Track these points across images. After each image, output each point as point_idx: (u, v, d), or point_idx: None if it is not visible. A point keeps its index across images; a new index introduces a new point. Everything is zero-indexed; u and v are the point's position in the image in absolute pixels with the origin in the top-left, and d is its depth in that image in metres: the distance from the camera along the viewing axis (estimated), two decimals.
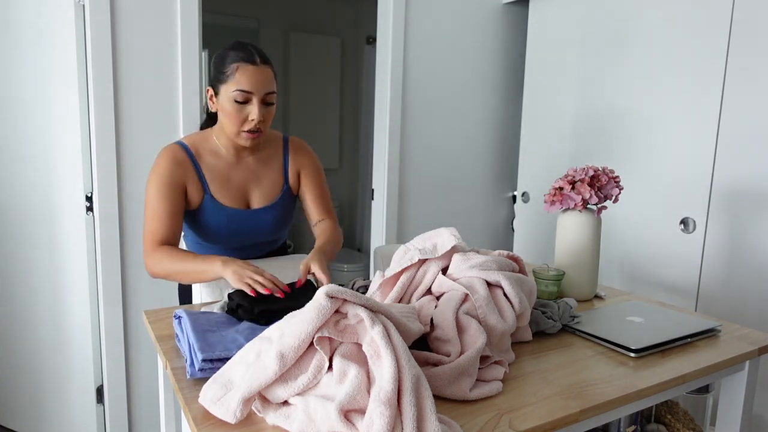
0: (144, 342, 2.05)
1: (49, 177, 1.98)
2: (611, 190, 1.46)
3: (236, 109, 1.30)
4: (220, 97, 1.32)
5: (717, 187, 1.91)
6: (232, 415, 0.77)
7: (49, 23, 1.88)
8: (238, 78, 1.28)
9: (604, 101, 2.29)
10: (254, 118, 1.30)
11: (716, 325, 1.23)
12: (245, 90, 1.28)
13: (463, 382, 0.89)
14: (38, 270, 2.06)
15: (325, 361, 0.78)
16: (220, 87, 1.31)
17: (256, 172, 1.45)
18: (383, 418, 0.68)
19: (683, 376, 1.02)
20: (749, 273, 1.84)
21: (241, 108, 1.30)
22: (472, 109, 2.73)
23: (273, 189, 1.46)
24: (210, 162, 1.39)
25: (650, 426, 1.42)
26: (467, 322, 0.98)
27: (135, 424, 2.08)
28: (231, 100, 1.29)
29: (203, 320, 1.03)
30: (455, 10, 2.58)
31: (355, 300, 0.81)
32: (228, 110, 1.30)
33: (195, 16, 1.97)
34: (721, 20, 1.86)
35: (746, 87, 1.81)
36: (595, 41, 2.31)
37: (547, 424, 0.83)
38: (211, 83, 1.35)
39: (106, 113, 1.87)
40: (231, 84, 1.28)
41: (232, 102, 1.29)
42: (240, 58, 1.29)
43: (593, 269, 1.47)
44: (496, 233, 2.93)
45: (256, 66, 1.29)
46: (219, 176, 1.39)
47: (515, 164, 2.92)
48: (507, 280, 1.08)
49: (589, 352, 1.10)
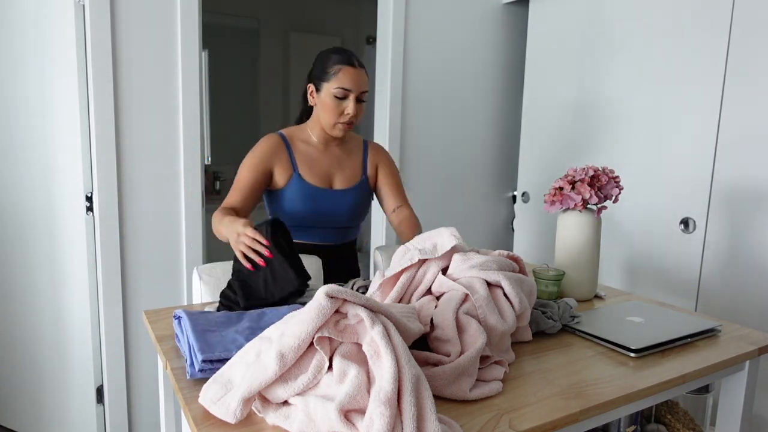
0: (144, 342, 2.05)
1: (49, 177, 1.98)
2: (611, 190, 1.46)
3: (336, 104, 1.51)
4: (322, 93, 1.52)
5: (717, 187, 1.91)
6: (232, 415, 0.77)
7: (49, 23, 1.88)
8: (341, 77, 1.49)
9: (604, 101, 2.29)
10: (350, 112, 1.51)
11: (716, 325, 1.23)
12: (345, 88, 1.49)
13: (463, 382, 0.89)
14: (38, 270, 2.06)
15: (325, 361, 0.78)
16: (323, 84, 1.51)
17: (340, 159, 1.64)
18: (383, 418, 0.68)
19: (683, 376, 1.02)
20: (749, 273, 1.84)
21: (340, 103, 1.51)
22: (472, 109, 2.73)
23: (353, 176, 1.65)
24: (301, 148, 1.60)
25: (650, 426, 1.42)
26: (467, 322, 0.98)
27: (135, 424, 2.08)
28: (332, 96, 1.50)
29: (203, 320, 1.03)
30: (455, 10, 2.58)
31: (355, 300, 0.81)
32: (328, 104, 1.51)
33: (195, 16, 1.97)
34: (721, 20, 1.86)
35: (746, 87, 1.81)
36: (595, 41, 2.31)
37: (547, 424, 0.83)
38: (312, 81, 1.56)
39: (106, 113, 1.87)
40: (333, 82, 1.49)
41: (333, 97, 1.50)
42: (342, 61, 1.50)
43: (593, 269, 1.47)
44: (496, 233, 2.93)
45: (356, 68, 1.51)
46: (308, 159, 1.59)
47: (515, 164, 2.92)
48: (507, 280, 1.08)
49: (589, 352, 1.10)
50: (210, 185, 3.92)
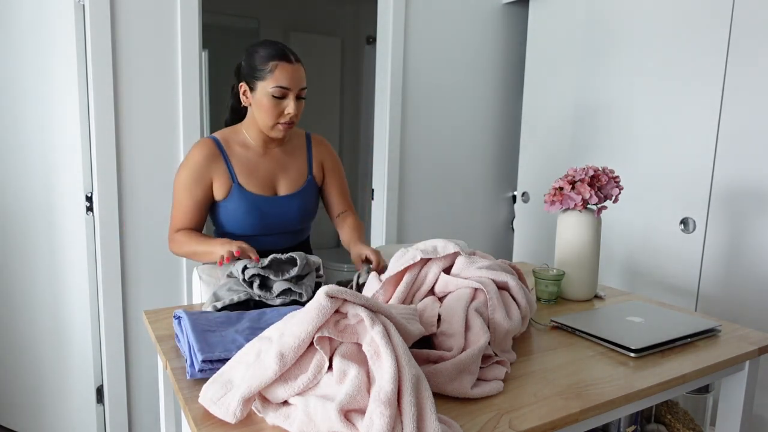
0: (144, 342, 2.05)
1: (49, 177, 1.98)
2: (611, 190, 1.46)
3: (274, 104, 1.39)
4: (257, 92, 1.40)
5: (717, 187, 1.91)
6: (232, 415, 0.77)
7: (49, 23, 1.88)
8: (277, 75, 1.37)
9: (604, 101, 2.29)
10: (290, 112, 1.41)
11: (716, 325, 1.23)
12: (283, 86, 1.38)
13: (465, 379, 0.89)
14: (38, 270, 2.06)
15: (325, 361, 0.78)
16: (257, 83, 1.40)
17: (283, 162, 1.53)
18: (383, 418, 0.68)
19: (683, 376, 1.02)
20: (749, 273, 1.84)
21: (278, 102, 1.40)
22: (472, 109, 2.73)
23: (298, 178, 1.54)
24: (239, 153, 1.48)
25: (650, 426, 1.42)
26: (473, 320, 1.00)
27: (135, 424, 2.08)
28: (269, 96, 1.39)
29: (203, 320, 1.03)
30: (455, 10, 2.58)
31: (355, 300, 0.81)
32: (265, 105, 1.40)
33: (195, 16, 1.97)
34: (721, 20, 1.86)
35: (746, 86, 1.81)
36: (595, 41, 2.31)
37: (547, 424, 0.83)
38: (244, 79, 1.43)
39: (106, 113, 1.87)
40: (269, 81, 1.38)
41: (270, 97, 1.39)
42: (277, 56, 1.38)
43: (593, 269, 1.47)
44: (496, 233, 2.93)
45: (292, 64, 1.39)
46: (247, 166, 1.47)
47: (515, 164, 2.92)
48: (514, 280, 1.11)
49: (589, 352, 1.10)
50: None
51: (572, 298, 1.48)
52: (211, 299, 1.20)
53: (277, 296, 1.21)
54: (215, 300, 1.19)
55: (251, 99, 1.43)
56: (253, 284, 1.21)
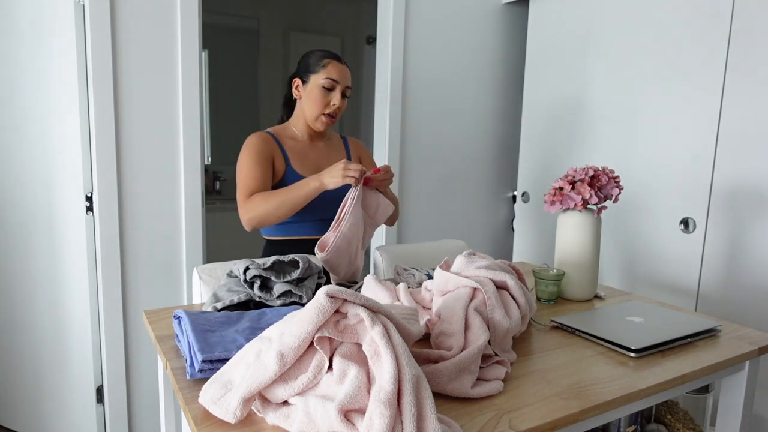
0: (144, 342, 2.05)
1: (49, 177, 1.98)
2: (611, 190, 1.46)
3: (323, 95, 1.58)
4: (309, 84, 1.59)
5: (717, 187, 1.91)
6: (232, 415, 0.77)
7: (49, 23, 1.88)
8: (329, 69, 1.57)
9: (604, 101, 2.29)
10: (335, 104, 1.59)
11: (716, 325, 1.23)
12: (333, 78, 1.57)
13: (465, 378, 0.89)
14: (38, 270, 2.06)
15: (325, 361, 0.78)
16: (310, 76, 1.59)
17: (326, 153, 1.70)
18: (383, 418, 0.68)
19: (683, 376, 1.02)
20: (749, 273, 1.84)
21: (326, 94, 1.58)
22: (472, 109, 2.73)
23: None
24: (289, 143, 1.65)
25: (650, 426, 1.42)
26: (473, 320, 1.00)
27: (135, 424, 2.08)
28: (319, 87, 1.57)
29: (203, 320, 1.03)
30: (455, 10, 2.58)
31: (355, 300, 0.81)
32: (315, 95, 1.58)
33: (195, 16, 1.97)
34: (721, 19, 1.86)
35: (746, 86, 1.81)
36: (595, 41, 2.31)
37: (547, 424, 0.83)
38: (298, 75, 1.63)
39: (106, 113, 1.87)
40: (322, 74, 1.57)
41: (320, 88, 1.57)
42: (330, 56, 1.59)
43: (593, 269, 1.47)
44: (496, 233, 2.93)
45: (343, 64, 1.61)
46: (298, 153, 1.64)
47: (515, 164, 2.92)
48: (513, 280, 1.12)
49: (589, 352, 1.10)
50: (210, 185, 3.92)
51: (572, 298, 1.48)
52: (211, 299, 1.20)
53: (278, 298, 1.21)
54: (215, 300, 1.19)
55: (302, 92, 1.61)
56: (254, 285, 1.21)
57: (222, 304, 1.17)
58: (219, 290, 1.22)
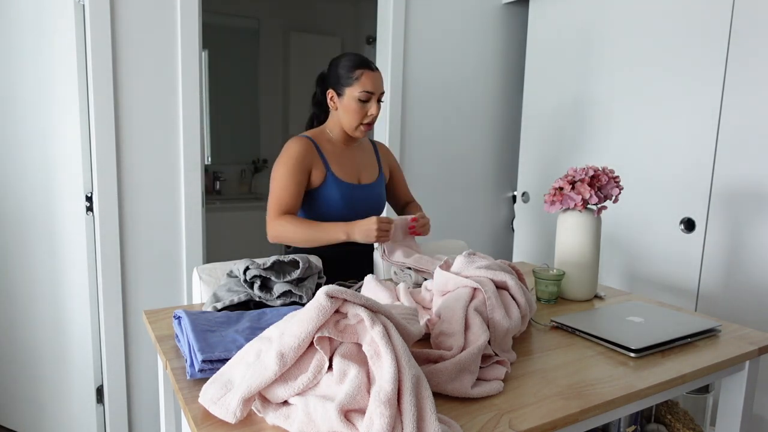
0: (144, 342, 2.05)
1: (49, 177, 1.98)
2: (611, 190, 1.46)
3: (359, 107, 1.58)
4: (345, 97, 1.59)
5: (717, 187, 1.91)
6: (232, 415, 0.77)
7: (49, 23, 1.88)
8: (363, 81, 1.56)
9: (604, 101, 2.29)
10: (373, 113, 1.60)
11: (716, 325, 1.23)
12: (369, 91, 1.57)
13: (465, 378, 0.89)
14: (38, 270, 2.06)
15: (325, 361, 0.78)
16: (345, 89, 1.58)
17: (360, 157, 1.73)
18: (383, 418, 0.68)
19: (683, 376, 1.02)
20: (749, 273, 1.84)
21: (363, 105, 1.59)
22: (472, 109, 2.73)
23: (373, 171, 1.75)
24: (328, 148, 1.66)
25: (650, 426, 1.42)
26: (472, 319, 1.00)
27: (135, 424, 2.08)
28: (356, 100, 1.57)
29: (203, 320, 1.03)
30: (455, 10, 2.58)
31: (355, 300, 0.81)
32: (352, 108, 1.58)
33: (195, 16, 1.97)
34: (721, 20, 1.86)
35: (746, 86, 1.81)
36: (595, 41, 2.31)
37: (547, 424, 0.83)
38: (332, 87, 1.62)
39: (106, 113, 1.87)
40: (357, 86, 1.56)
41: (357, 101, 1.57)
42: (363, 65, 1.58)
43: (593, 269, 1.47)
44: (496, 233, 2.93)
45: (375, 72, 1.59)
46: (337, 158, 1.66)
47: (515, 164, 2.92)
48: (513, 280, 1.12)
49: (589, 352, 1.10)
50: (210, 185, 3.92)
51: (572, 298, 1.48)
52: (211, 299, 1.20)
53: (278, 298, 1.21)
54: (215, 300, 1.19)
55: (338, 104, 1.61)
56: (254, 285, 1.21)
57: (222, 304, 1.17)
58: (219, 290, 1.22)
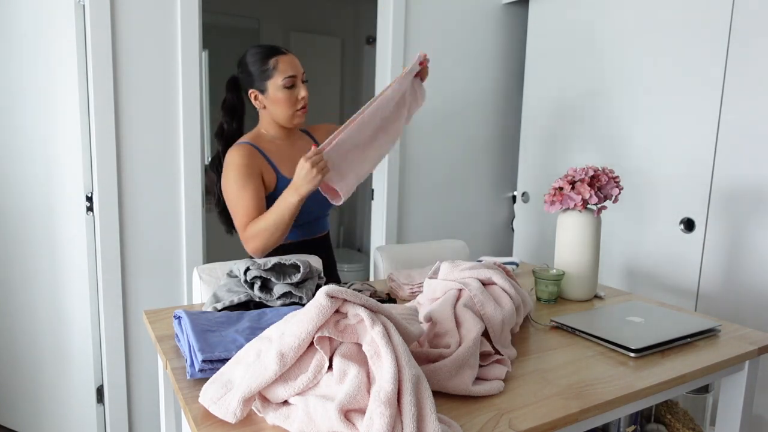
0: (144, 342, 2.05)
1: (49, 177, 1.98)
2: (611, 190, 1.46)
3: (288, 95, 1.50)
4: (269, 91, 1.50)
5: (717, 187, 1.91)
6: (232, 414, 0.77)
7: (49, 23, 1.88)
8: (282, 68, 1.48)
9: (604, 101, 2.29)
10: (303, 95, 1.52)
11: (716, 325, 1.24)
12: (291, 75, 1.49)
13: (465, 374, 0.90)
14: (38, 270, 2.06)
15: (325, 361, 0.78)
16: (267, 83, 1.50)
17: (301, 148, 1.64)
18: (383, 418, 0.68)
19: (683, 376, 1.02)
20: (749, 273, 1.84)
21: (291, 92, 1.50)
22: (472, 109, 2.73)
23: None
24: (271, 149, 1.57)
25: (650, 426, 1.43)
26: (463, 315, 1.01)
27: (135, 424, 2.08)
28: (281, 89, 1.49)
29: (203, 320, 1.03)
30: (455, 11, 2.58)
31: (355, 300, 0.81)
32: (281, 98, 1.50)
33: (195, 16, 1.97)
34: (721, 20, 1.86)
35: (746, 87, 1.81)
36: (594, 41, 2.31)
37: (547, 424, 0.83)
38: (252, 87, 1.53)
39: (106, 113, 1.87)
40: (277, 76, 1.48)
41: (283, 89, 1.49)
42: (274, 53, 1.49)
43: (593, 269, 1.47)
44: (496, 233, 2.93)
45: (287, 55, 1.51)
46: (281, 158, 1.57)
47: (515, 164, 2.92)
48: (498, 275, 1.14)
49: (589, 352, 1.11)
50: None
51: (572, 298, 1.48)
52: (211, 300, 1.20)
53: (278, 299, 1.21)
54: (215, 301, 1.19)
55: (265, 101, 1.53)
56: (254, 286, 1.21)
57: (222, 305, 1.17)
58: (219, 290, 1.23)
